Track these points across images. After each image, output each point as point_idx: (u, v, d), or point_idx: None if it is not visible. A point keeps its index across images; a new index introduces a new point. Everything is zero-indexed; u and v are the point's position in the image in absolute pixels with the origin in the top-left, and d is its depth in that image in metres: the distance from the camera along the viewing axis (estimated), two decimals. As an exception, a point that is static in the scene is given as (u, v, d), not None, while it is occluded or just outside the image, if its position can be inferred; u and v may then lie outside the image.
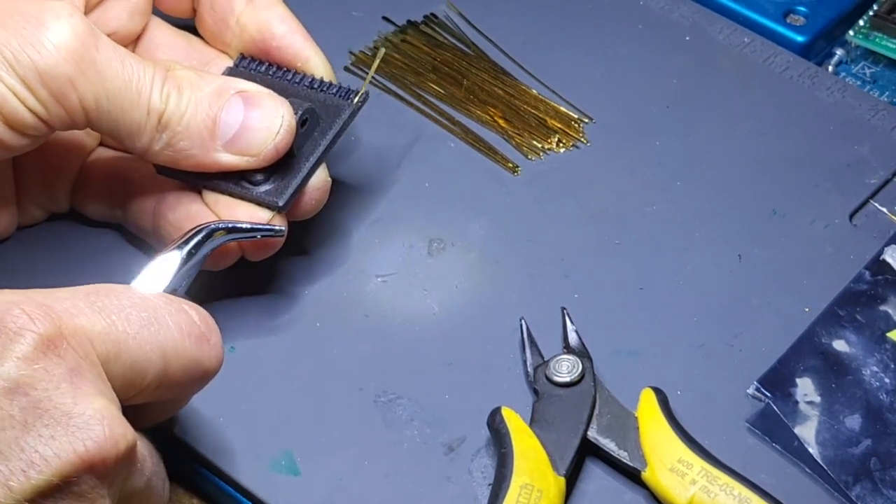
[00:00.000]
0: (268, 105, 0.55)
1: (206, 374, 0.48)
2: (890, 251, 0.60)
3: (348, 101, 0.58)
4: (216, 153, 0.54)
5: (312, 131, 0.57)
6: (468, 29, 0.70)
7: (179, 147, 0.54)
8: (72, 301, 0.44)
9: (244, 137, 0.54)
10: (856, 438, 0.54)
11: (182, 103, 0.53)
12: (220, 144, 0.54)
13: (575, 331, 0.58)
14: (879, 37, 0.71)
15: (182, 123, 0.53)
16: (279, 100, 0.55)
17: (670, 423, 0.54)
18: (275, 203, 0.56)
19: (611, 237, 0.62)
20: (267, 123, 0.54)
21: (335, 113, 0.57)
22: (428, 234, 0.62)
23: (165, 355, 0.46)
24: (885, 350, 0.57)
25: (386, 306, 0.59)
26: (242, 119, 0.54)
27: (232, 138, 0.54)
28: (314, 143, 0.57)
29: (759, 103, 0.67)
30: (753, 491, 0.52)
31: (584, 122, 0.67)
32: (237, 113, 0.54)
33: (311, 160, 0.56)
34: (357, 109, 0.58)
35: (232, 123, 0.54)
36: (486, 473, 0.55)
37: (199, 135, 0.54)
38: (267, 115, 0.54)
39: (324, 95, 0.58)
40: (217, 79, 0.55)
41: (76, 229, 0.61)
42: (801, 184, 0.64)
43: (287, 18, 0.59)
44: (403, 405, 0.56)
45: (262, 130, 0.54)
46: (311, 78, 0.58)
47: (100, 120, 0.53)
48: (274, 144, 0.55)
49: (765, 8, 0.71)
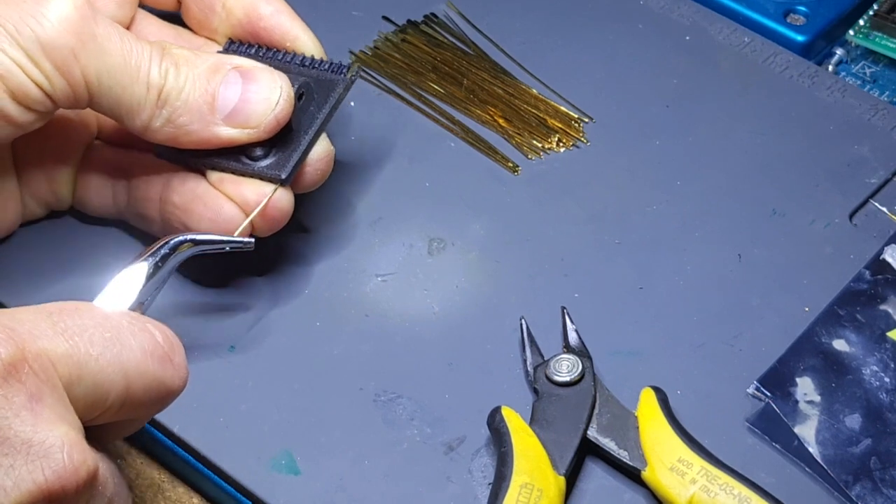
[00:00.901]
0: (265, 78, 0.55)
1: (169, 393, 0.48)
2: (890, 251, 0.60)
3: (342, 75, 0.58)
4: (216, 127, 0.55)
5: (309, 106, 0.57)
6: (468, 28, 0.71)
7: (179, 122, 0.54)
8: (34, 322, 0.44)
9: (244, 110, 0.55)
10: (856, 438, 0.54)
11: (180, 79, 0.54)
12: (220, 118, 0.55)
13: (575, 330, 0.58)
14: (879, 36, 0.71)
15: (181, 98, 0.54)
16: (276, 72, 0.56)
17: (670, 422, 0.54)
18: (277, 176, 0.56)
19: (611, 237, 0.62)
20: (266, 95, 0.55)
21: (329, 87, 0.58)
22: (428, 234, 0.62)
23: (128, 376, 0.45)
24: (885, 349, 0.57)
25: (386, 306, 0.59)
26: (241, 92, 0.54)
27: (231, 112, 0.54)
28: (311, 117, 0.57)
29: (759, 103, 0.67)
30: (753, 490, 0.52)
31: (584, 122, 0.67)
32: (235, 86, 0.55)
33: (311, 132, 0.57)
34: (351, 83, 0.58)
35: (231, 97, 0.54)
36: (486, 473, 0.55)
37: (198, 109, 0.54)
38: (265, 87, 0.55)
39: (316, 72, 0.58)
40: (212, 55, 0.56)
41: (76, 227, 0.61)
42: (801, 184, 0.64)
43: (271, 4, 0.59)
44: (403, 405, 0.56)
45: (262, 102, 0.55)
46: (301, 56, 0.59)
47: (101, 95, 0.53)
48: (274, 115, 0.55)
49: (765, 7, 0.71)
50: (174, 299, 0.59)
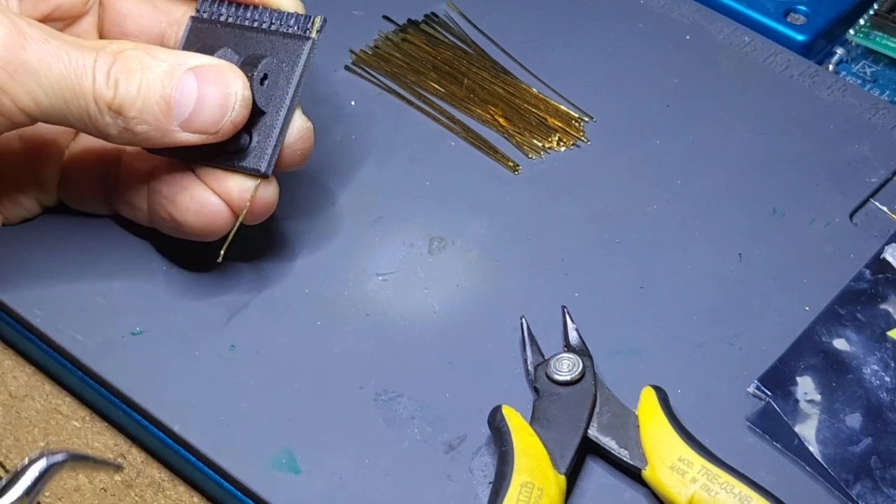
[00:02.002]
0: (220, 81, 0.54)
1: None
2: (890, 250, 0.60)
3: (307, 35, 0.57)
4: (175, 133, 0.54)
5: (276, 81, 0.56)
6: (468, 28, 0.71)
7: (137, 131, 0.54)
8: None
9: (200, 116, 0.54)
10: (856, 437, 0.54)
11: (132, 87, 0.53)
12: (177, 124, 0.54)
13: (575, 329, 0.58)
14: (880, 36, 0.71)
15: (136, 108, 0.53)
16: (231, 72, 0.55)
17: (671, 421, 0.54)
18: (257, 170, 0.55)
19: (611, 236, 0.62)
20: (221, 101, 0.54)
21: (295, 53, 0.57)
22: (428, 233, 0.62)
23: None
24: (886, 349, 0.57)
25: (386, 305, 0.59)
26: (196, 97, 0.54)
27: (188, 117, 0.54)
28: (281, 95, 0.56)
29: (759, 103, 0.67)
30: (754, 489, 0.52)
31: (584, 121, 0.67)
32: (190, 91, 0.54)
33: (282, 114, 0.56)
34: (315, 43, 0.57)
35: (186, 103, 0.54)
36: (487, 472, 0.55)
37: (154, 117, 0.53)
38: (220, 92, 0.54)
39: (282, 35, 0.57)
40: (169, 56, 0.54)
41: (76, 227, 0.61)
42: (801, 183, 0.64)
43: None
44: (404, 404, 0.56)
45: (217, 108, 0.54)
46: (269, 13, 0.57)
47: (45, 115, 0.53)
48: (231, 120, 0.54)
49: (765, 7, 0.71)
50: (174, 299, 0.59)
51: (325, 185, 0.64)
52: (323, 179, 0.64)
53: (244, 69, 0.55)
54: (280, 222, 0.62)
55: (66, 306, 0.59)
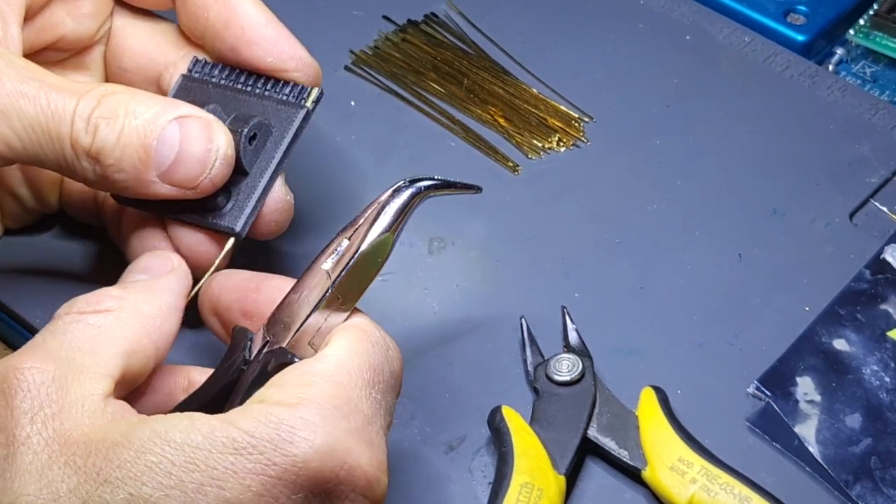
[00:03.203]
0: (204, 134, 0.52)
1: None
2: (890, 250, 0.60)
3: (301, 104, 0.55)
4: (152, 185, 0.52)
5: (265, 143, 0.55)
6: (468, 28, 0.71)
7: (114, 178, 0.52)
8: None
9: (179, 169, 0.52)
10: (856, 437, 0.54)
11: (113, 134, 0.51)
12: (155, 175, 0.52)
13: (575, 330, 0.58)
14: (880, 36, 0.71)
15: (114, 155, 0.51)
16: (217, 127, 0.53)
17: (670, 421, 0.54)
18: (231, 230, 0.54)
19: (611, 236, 0.62)
20: (202, 155, 0.52)
21: (287, 120, 0.55)
22: (428, 233, 0.62)
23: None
24: (886, 349, 0.57)
25: (386, 305, 0.59)
26: (177, 150, 0.52)
27: (167, 169, 0.52)
28: (267, 158, 0.55)
29: (759, 103, 0.67)
30: (754, 490, 0.52)
31: (584, 122, 0.67)
32: (172, 143, 0.52)
33: (266, 177, 0.54)
34: (310, 112, 0.56)
35: (167, 154, 0.51)
36: (487, 472, 0.55)
37: (132, 166, 0.51)
38: (201, 147, 0.52)
39: (276, 101, 0.55)
40: (155, 102, 0.52)
41: (76, 226, 0.61)
42: (801, 183, 0.64)
43: (258, 10, 0.56)
44: (404, 404, 0.56)
45: (197, 163, 0.52)
46: (264, 80, 0.56)
47: (19, 157, 0.51)
48: (210, 178, 0.52)
49: (765, 7, 0.71)
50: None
51: (324, 186, 0.64)
52: (323, 179, 0.64)
53: (233, 125, 0.54)
54: (280, 222, 0.62)
55: (65, 307, 0.59)
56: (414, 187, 0.50)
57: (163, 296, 0.50)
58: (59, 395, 0.44)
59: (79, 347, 0.47)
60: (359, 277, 0.49)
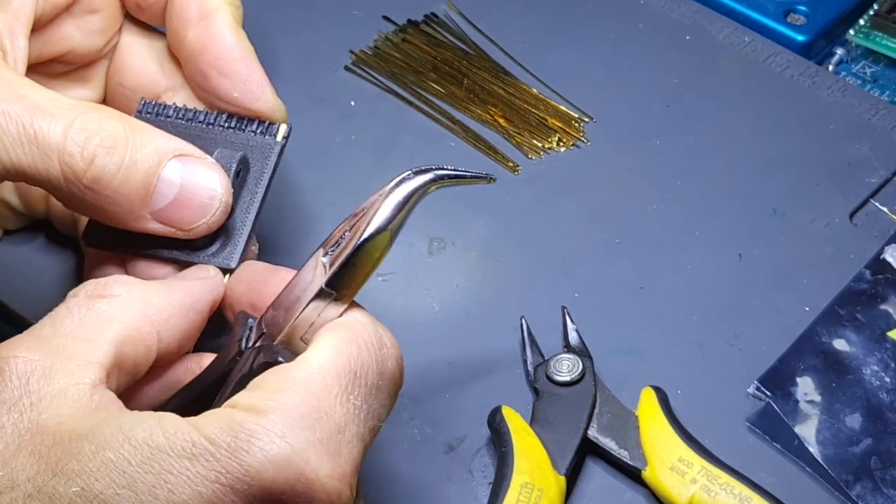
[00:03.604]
0: (204, 180, 0.51)
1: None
2: (890, 250, 0.60)
3: (272, 137, 0.54)
4: (144, 221, 0.50)
5: (246, 178, 0.54)
6: (468, 28, 0.71)
7: (106, 208, 0.50)
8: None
9: (177, 211, 0.50)
10: (856, 437, 0.54)
11: (113, 166, 0.49)
12: (150, 212, 0.50)
13: (575, 330, 0.58)
14: (880, 36, 0.71)
15: (112, 187, 0.49)
16: (216, 170, 0.51)
17: (670, 422, 0.54)
18: (227, 266, 0.52)
19: (611, 237, 0.62)
20: (203, 201, 0.51)
21: (264, 153, 0.54)
22: (428, 234, 0.62)
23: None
24: (886, 349, 0.57)
25: (386, 305, 0.59)
26: (178, 191, 0.50)
27: (164, 209, 0.50)
28: (251, 192, 0.53)
29: (759, 103, 0.67)
30: (754, 490, 0.52)
31: (584, 122, 0.67)
32: (173, 182, 0.50)
33: (253, 212, 0.53)
34: (283, 146, 0.54)
35: (166, 194, 0.50)
36: (487, 472, 0.55)
37: (128, 202, 0.50)
38: (203, 192, 0.51)
39: (245, 135, 0.54)
40: (155, 136, 0.50)
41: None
42: (801, 183, 0.64)
43: (236, 42, 0.54)
44: (404, 404, 0.56)
45: (197, 209, 0.51)
46: (226, 116, 0.55)
47: (9, 173, 0.49)
48: (207, 224, 0.51)
49: (765, 7, 0.71)
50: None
51: (324, 186, 0.64)
52: (323, 180, 0.64)
53: (220, 160, 0.52)
54: (280, 224, 0.62)
55: (65, 307, 0.59)
56: (418, 180, 0.47)
57: (178, 294, 0.50)
58: (40, 385, 0.44)
59: (73, 334, 0.46)
60: (356, 271, 0.47)
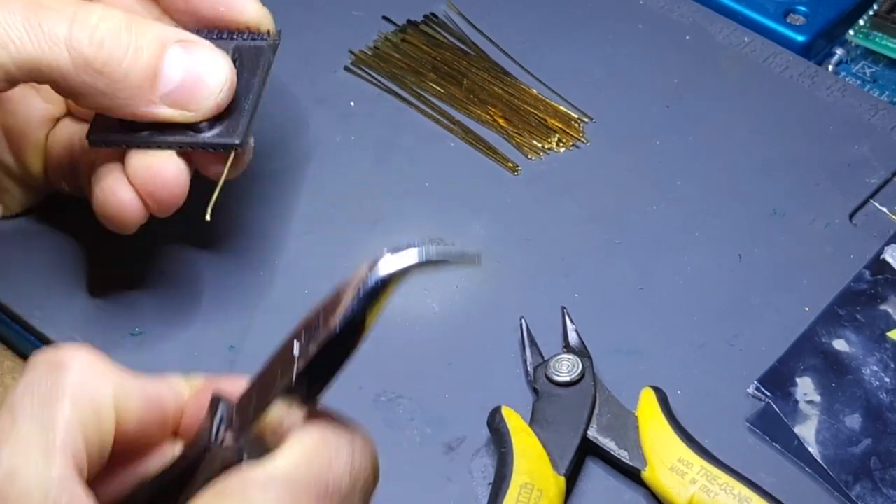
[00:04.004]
0: (210, 60, 0.52)
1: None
2: (890, 251, 0.60)
3: (265, 41, 0.56)
4: (154, 106, 0.52)
5: (242, 72, 0.55)
6: (468, 28, 0.70)
7: (117, 96, 0.51)
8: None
9: (185, 93, 0.52)
10: (856, 438, 0.54)
11: (119, 48, 0.50)
12: (159, 96, 0.51)
13: (575, 330, 0.58)
14: (879, 36, 0.71)
15: (121, 70, 0.50)
16: (219, 53, 0.53)
17: (670, 422, 0.54)
18: (230, 142, 0.53)
19: (611, 237, 0.62)
20: (209, 79, 0.52)
21: (257, 54, 0.55)
22: (428, 234, 0.62)
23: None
24: (886, 349, 0.57)
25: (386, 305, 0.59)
26: (184, 73, 0.51)
27: (172, 91, 0.51)
28: (248, 83, 0.55)
29: (759, 103, 0.67)
30: (753, 490, 0.52)
31: (584, 122, 0.67)
32: (179, 65, 0.51)
33: (253, 96, 0.54)
34: (276, 47, 0.56)
35: (173, 77, 0.51)
36: (487, 473, 0.55)
37: (138, 85, 0.51)
38: (209, 70, 0.52)
39: (237, 42, 0.56)
40: (155, 25, 0.52)
41: (76, 225, 0.61)
42: (801, 183, 0.64)
43: None
44: (403, 405, 0.56)
45: (205, 86, 0.52)
46: (217, 31, 0.56)
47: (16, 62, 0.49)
48: (216, 101, 0.52)
49: (765, 7, 0.71)
50: (174, 299, 0.59)
51: (324, 186, 0.64)
52: (322, 180, 0.64)
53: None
54: (280, 223, 0.62)
55: (65, 307, 0.59)
56: (397, 264, 0.42)
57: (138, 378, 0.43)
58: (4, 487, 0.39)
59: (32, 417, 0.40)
60: (325, 371, 0.42)
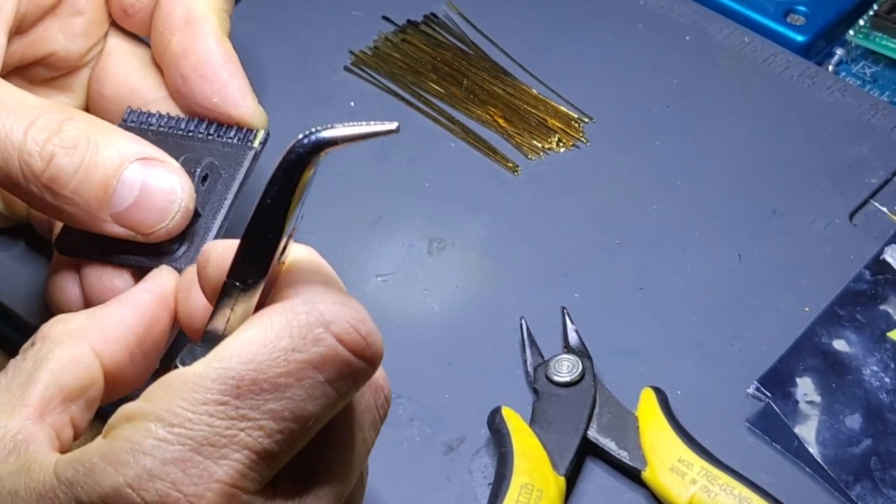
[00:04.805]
0: (165, 183, 0.50)
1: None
2: (890, 251, 0.60)
3: (248, 144, 0.54)
4: (103, 223, 0.50)
5: (216, 184, 0.53)
6: (468, 28, 0.70)
7: (65, 209, 0.50)
8: None
9: (136, 214, 0.50)
10: (856, 438, 0.54)
11: (71, 166, 0.49)
12: (110, 215, 0.50)
13: (575, 330, 0.58)
14: (879, 36, 0.71)
15: (69, 188, 0.49)
16: (180, 175, 0.51)
17: (670, 422, 0.54)
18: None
19: (611, 237, 0.62)
20: (162, 204, 0.50)
21: (236, 161, 0.53)
22: (428, 234, 0.62)
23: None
24: (885, 350, 0.57)
25: (386, 306, 0.59)
26: (138, 194, 0.50)
27: (123, 211, 0.50)
28: (219, 198, 0.53)
29: (759, 103, 0.67)
30: (753, 490, 0.52)
31: (584, 122, 0.67)
32: (133, 185, 0.50)
33: (219, 218, 0.52)
34: (259, 152, 0.54)
35: (126, 196, 0.50)
36: (487, 473, 0.55)
37: (86, 204, 0.49)
38: (164, 195, 0.50)
39: (222, 143, 0.54)
40: (119, 139, 0.50)
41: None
42: (801, 184, 0.64)
43: (220, 48, 0.54)
44: (403, 405, 0.56)
45: (156, 212, 0.50)
46: (206, 124, 0.54)
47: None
48: (167, 227, 0.50)
49: (765, 7, 0.71)
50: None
51: (324, 186, 0.64)
52: (322, 180, 0.64)
53: (185, 166, 0.52)
54: (280, 223, 0.62)
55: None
56: (301, 148, 0.42)
57: (117, 309, 0.47)
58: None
59: (4, 387, 0.44)
60: (260, 245, 0.42)
